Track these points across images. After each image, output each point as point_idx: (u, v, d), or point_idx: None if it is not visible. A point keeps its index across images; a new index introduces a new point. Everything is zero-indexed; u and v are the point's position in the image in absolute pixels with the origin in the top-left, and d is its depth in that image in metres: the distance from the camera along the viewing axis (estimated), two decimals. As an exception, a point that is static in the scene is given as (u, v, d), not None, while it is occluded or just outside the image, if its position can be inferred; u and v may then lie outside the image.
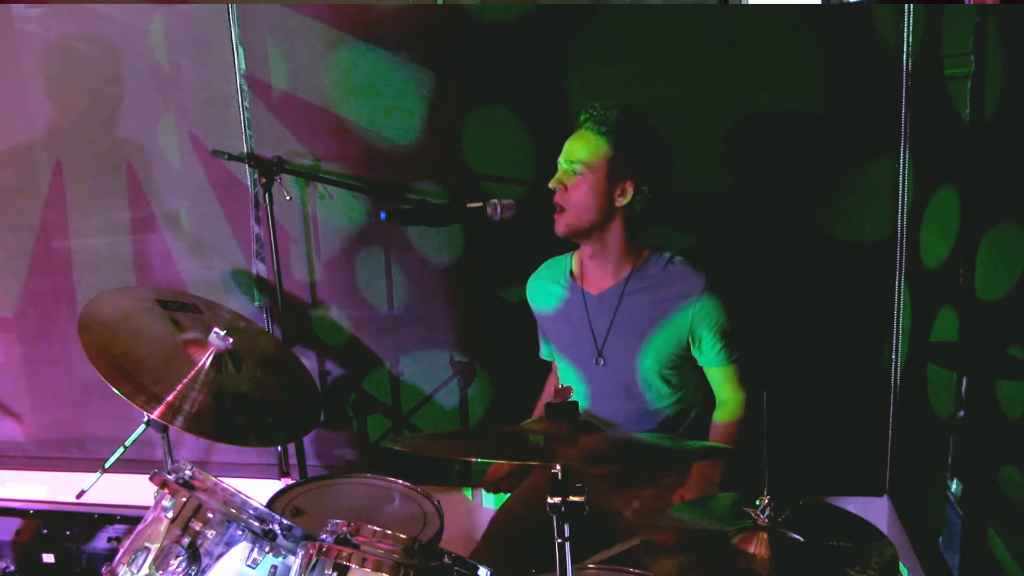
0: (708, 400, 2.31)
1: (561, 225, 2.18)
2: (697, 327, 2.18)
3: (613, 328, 2.24)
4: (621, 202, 2.16)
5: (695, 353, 2.23)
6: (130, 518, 2.57)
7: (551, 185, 2.18)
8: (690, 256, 2.24)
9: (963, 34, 2.08)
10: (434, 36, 2.75)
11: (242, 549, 1.75)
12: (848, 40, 2.50)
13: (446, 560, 1.63)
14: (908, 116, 2.48)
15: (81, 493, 2.06)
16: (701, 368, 2.26)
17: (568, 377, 2.35)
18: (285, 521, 1.78)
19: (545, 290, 2.38)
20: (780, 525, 1.52)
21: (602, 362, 2.26)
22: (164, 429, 2.16)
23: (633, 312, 2.22)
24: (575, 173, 2.15)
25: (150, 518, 1.84)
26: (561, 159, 2.19)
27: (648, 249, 2.25)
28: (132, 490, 2.28)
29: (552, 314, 2.37)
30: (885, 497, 2.72)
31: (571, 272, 2.33)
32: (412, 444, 1.96)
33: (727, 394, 2.26)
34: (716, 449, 2.10)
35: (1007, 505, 1.96)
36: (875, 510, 2.69)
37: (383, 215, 2.29)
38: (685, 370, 2.27)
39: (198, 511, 1.77)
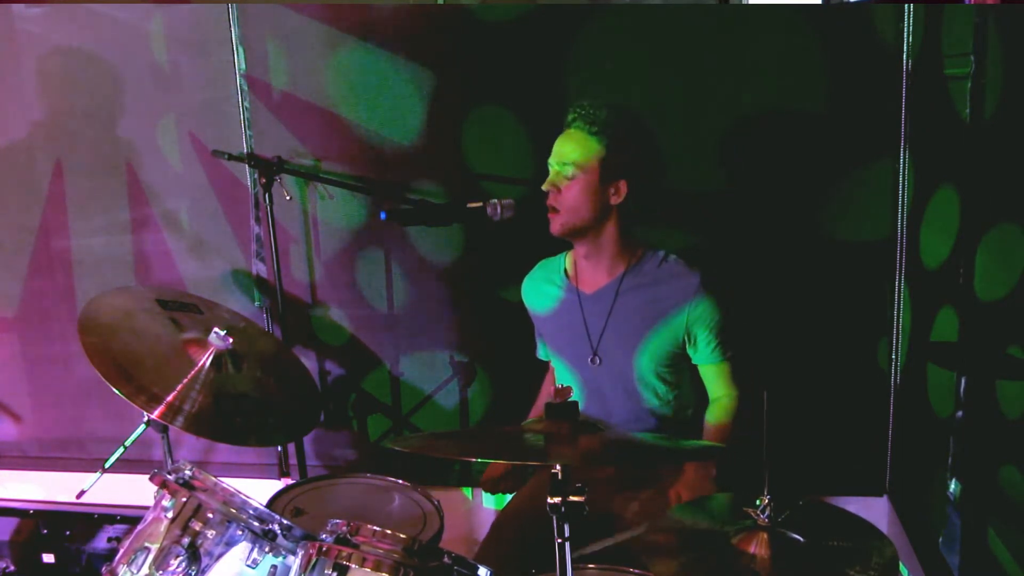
0: (703, 399, 2.30)
1: (556, 225, 2.19)
2: (693, 325, 2.18)
3: (608, 327, 2.23)
4: (615, 201, 2.16)
5: (689, 351, 2.23)
6: (130, 518, 2.57)
7: (544, 188, 2.18)
8: (685, 255, 2.23)
9: (963, 34, 2.08)
10: (434, 36, 2.74)
11: (242, 549, 1.75)
12: (848, 40, 2.50)
13: (446, 560, 1.63)
14: (908, 116, 2.48)
15: (81, 493, 2.06)
16: (695, 367, 2.26)
17: (564, 377, 2.35)
18: (285, 521, 1.77)
19: (540, 290, 2.38)
20: (780, 525, 1.52)
21: (598, 361, 2.26)
22: (164, 429, 2.16)
23: (628, 310, 2.21)
24: (567, 175, 2.15)
25: (150, 518, 1.84)
26: (552, 160, 2.19)
27: (643, 248, 2.25)
28: (132, 490, 2.28)
29: (547, 314, 2.37)
30: (885, 497, 2.72)
31: (565, 271, 2.33)
32: (412, 444, 1.96)
33: (720, 392, 2.25)
34: (712, 448, 2.09)
35: (1007, 505, 1.96)
36: (875, 510, 2.69)
37: (383, 215, 2.29)
38: (681, 368, 2.27)
39: (198, 511, 1.77)
